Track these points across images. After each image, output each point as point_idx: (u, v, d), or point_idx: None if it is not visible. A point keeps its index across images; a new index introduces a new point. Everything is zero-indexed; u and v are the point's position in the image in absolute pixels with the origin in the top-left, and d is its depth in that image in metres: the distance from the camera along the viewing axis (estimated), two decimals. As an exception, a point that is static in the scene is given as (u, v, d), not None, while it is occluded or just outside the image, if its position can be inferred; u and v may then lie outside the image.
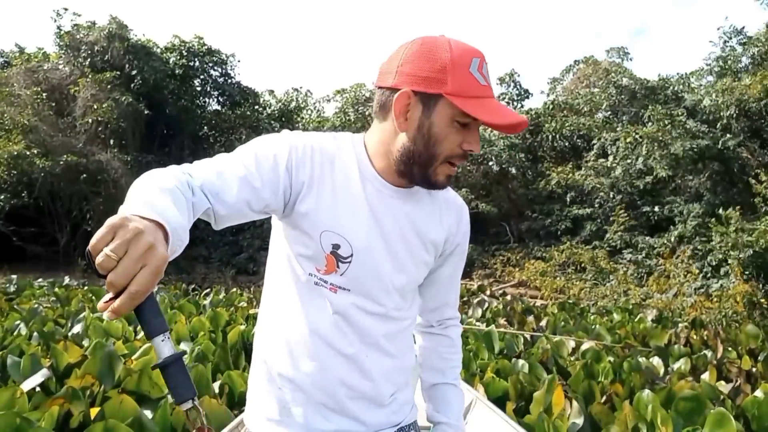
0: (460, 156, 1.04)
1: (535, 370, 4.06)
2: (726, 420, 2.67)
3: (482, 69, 1.02)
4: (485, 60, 1.04)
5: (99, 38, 17.15)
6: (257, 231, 15.84)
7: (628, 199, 14.77)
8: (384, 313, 1.13)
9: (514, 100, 20.00)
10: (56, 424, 2.48)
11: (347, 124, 17.67)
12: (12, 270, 12.54)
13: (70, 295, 8.15)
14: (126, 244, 0.70)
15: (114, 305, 0.71)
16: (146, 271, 0.71)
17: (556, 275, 13.43)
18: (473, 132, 1.04)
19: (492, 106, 1.01)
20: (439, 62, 1.01)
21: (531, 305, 9.47)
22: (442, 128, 1.02)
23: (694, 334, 6.65)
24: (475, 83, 1.01)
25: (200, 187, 0.96)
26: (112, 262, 0.70)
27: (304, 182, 1.08)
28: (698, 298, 9.40)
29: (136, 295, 0.71)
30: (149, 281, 0.71)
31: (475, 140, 1.04)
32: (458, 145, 1.03)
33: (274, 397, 1.16)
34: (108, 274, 0.70)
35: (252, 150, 1.06)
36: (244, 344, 4.73)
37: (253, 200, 1.02)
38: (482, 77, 1.02)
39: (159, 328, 0.77)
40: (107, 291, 0.73)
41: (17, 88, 16.11)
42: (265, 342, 1.19)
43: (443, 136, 1.02)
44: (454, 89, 0.99)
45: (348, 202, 1.09)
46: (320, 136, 1.13)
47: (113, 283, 0.70)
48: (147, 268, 0.71)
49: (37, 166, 14.15)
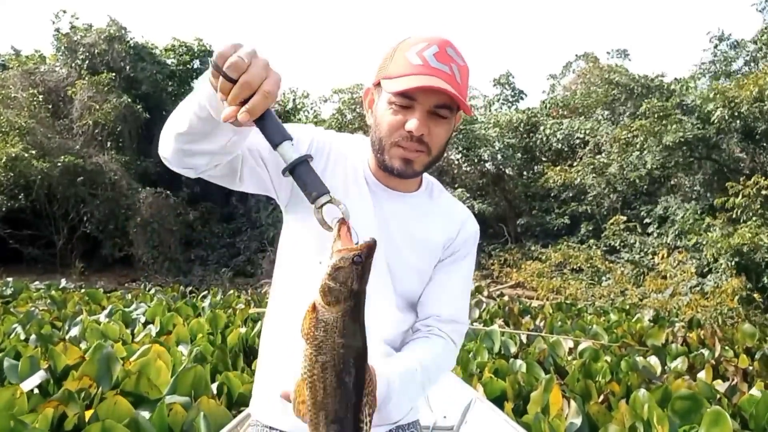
0: (405, 137, 1.06)
1: (532, 369, 4.07)
2: (722, 419, 2.68)
3: (423, 52, 1.06)
4: (438, 44, 1.07)
5: (97, 40, 17.12)
6: (254, 233, 15.83)
7: (624, 197, 14.81)
8: (386, 307, 1.15)
9: (509, 101, 20.03)
10: (51, 426, 2.48)
11: (344, 125, 17.67)
12: (8, 273, 12.50)
13: (66, 297, 8.13)
14: (252, 55, 0.80)
15: (248, 106, 0.78)
16: (273, 76, 0.80)
17: (552, 276, 13.45)
18: (415, 112, 1.06)
19: (413, 79, 1.04)
20: (386, 54, 1.09)
21: (528, 306, 9.48)
22: (382, 111, 1.08)
23: (691, 333, 6.67)
24: (406, 64, 1.05)
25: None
26: (244, 64, 0.78)
27: (316, 171, 1.13)
28: (693, 296, 9.44)
29: (268, 95, 0.79)
30: (277, 85, 0.80)
31: (417, 120, 1.05)
32: (399, 125, 1.06)
33: (279, 388, 1.18)
34: (239, 76, 0.78)
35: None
36: (243, 346, 4.74)
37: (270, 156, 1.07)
38: (419, 58, 1.05)
39: (285, 136, 0.85)
40: (229, 102, 0.80)
41: (13, 90, 16.07)
42: (269, 335, 1.22)
43: (382, 118, 1.08)
44: (387, 73, 1.07)
45: (354, 197, 1.13)
46: (340, 135, 1.21)
47: (249, 82, 0.78)
48: (272, 75, 0.80)
49: (35, 168, 14.11)
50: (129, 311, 6.62)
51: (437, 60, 1.05)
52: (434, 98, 1.05)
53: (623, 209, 14.49)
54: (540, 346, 5.21)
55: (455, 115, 1.11)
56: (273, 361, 1.20)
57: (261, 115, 0.81)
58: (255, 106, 0.79)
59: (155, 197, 15.34)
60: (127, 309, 6.82)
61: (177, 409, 2.65)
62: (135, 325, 5.87)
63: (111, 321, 5.72)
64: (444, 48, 1.07)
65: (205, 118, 0.90)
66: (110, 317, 6.05)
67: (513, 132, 17.46)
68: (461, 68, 1.09)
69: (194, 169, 1.03)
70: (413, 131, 1.05)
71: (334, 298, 0.80)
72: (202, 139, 0.94)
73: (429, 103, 1.05)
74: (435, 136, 1.07)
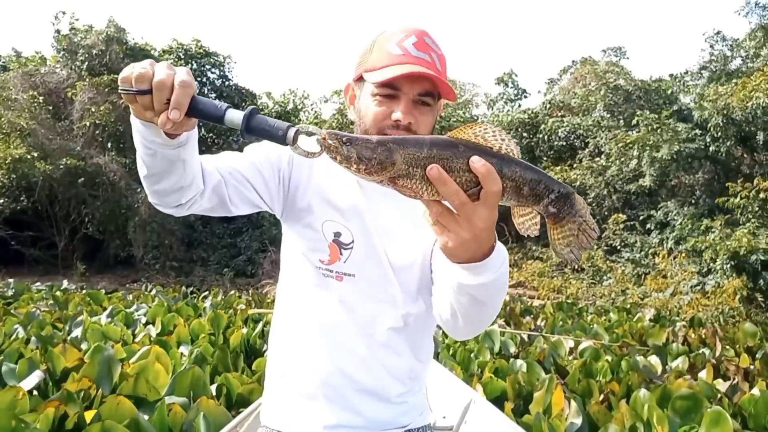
0: (391, 126, 1.07)
1: (533, 369, 4.06)
2: (723, 418, 2.67)
3: (402, 42, 1.07)
4: (415, 34, 1.08)
5: (97, 42, 17.14)
6: (255, 233, 15.83)
7: (624, 197, 14.81)
8: (390, 301, 1.15)
9: (512, 99, 20.00)
10: (52, 426, 2.48)
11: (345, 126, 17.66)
12: (10, 274, 12.52)
13: (68, 298, 8.13)
14: (150, 63, 0.82)
15: (172, 103, 0.79)
16: (180, 70, 0.81)
17: (553, 275, 13.44)
18: (400, 102, 1.07)
19: (396, 69, 1.04)
20: (365, 49, 1.11)
21: (529, 305, 9.47)
22: (366, 103, 1.09)
23: (692, 332, 6.66)
24: (387, 55, 1.07)
25: (214, 166, 1.07)
26: (149, 72, 0.80)
27: (301, 178, 1.16)
28: (694, 295, 9.43)
29: (185, 85, 0.79)
30: (188, 74, 0.80)
31: (403, 110, 1.06)
32: (386, 116, 1.07)
33: (284, 392, 1.19)
34: (150, 83, 0.79)
35: (258, 144, 1.16)
36: (244, 347, 4.73)
37: (253, 169, 1.11)
38: (399, 48, 1.06)
39: (222, 107, 0.84)
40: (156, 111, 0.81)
41: (14, 92, 16.09)
42: (277, 337, 1.24)
43: (367, 111, 1.09)
44: (368, 66, 1.08)
45: (344, 195, 1.15)
46: None
47: (162, 80, 0.79)
48: (179, 69, 0.81)
49: (38, 170, 14.13)
50: (130, 312, 6.62)
51: (417, 49, 1.07)
52: (418, 86, 1.06)
53: (624, 209, 14.49)
54: (540, 345, 5.20)
55: (438, 103, 1.12)
56: (282, 368, 1.21)
57: (190, 106, 0.81)
58: (177, 99, 0.79)
59: (156, 198, 15.36)
60: (128, 310, 6.82)
61: (176, 409, 2.65)
62: (136, 326, 5.86)
63: (112, 322, 5.72)
64: (422, 37, 1.08)
65: (153, 154, 0.92)
66: (111, 318, 6.05)
67: (514, 132, 17.46)
68: (440, 57, 1.10)
69: (180, 207, 1.04)
70: (401, 120, 1.06)
71: (384, 158, 0.73)
72: (166, 176, 0.97)
73: (413, 92, 1.06)
74: (421, 124, 1.08)
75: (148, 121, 0.86)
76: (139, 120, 0.87)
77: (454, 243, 0.78)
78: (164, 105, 0.80)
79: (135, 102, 0.82)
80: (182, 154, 0.93)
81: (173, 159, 0.93)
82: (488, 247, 0.83)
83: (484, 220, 0.76)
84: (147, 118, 0.84)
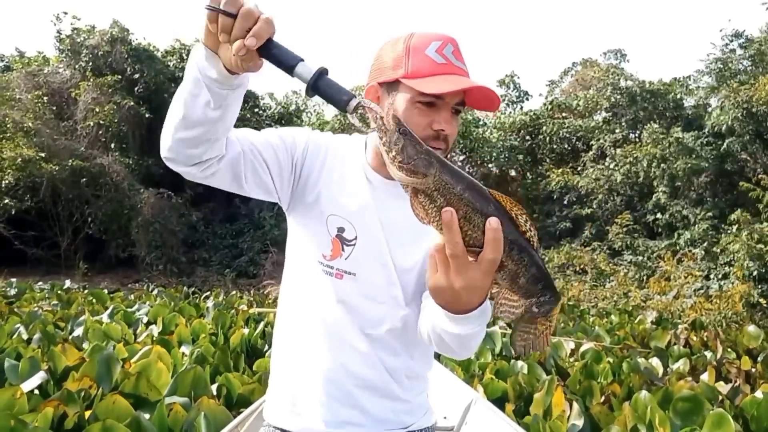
0: (432, 137, 1.07)
1: (534, 371, 4.06)
2: (725, 420, 2.66)
3: (443, 50, 1.06)
4: (451, 42, 1.08)
5: (100, 42, 17.16)
6: (257, 234, 15.83)
7: (627, 200, 14.77)
8: (391, 302, 1.15)
9: (514, 101, 19.95)
10: (51, 425, 2.48)
11: (347, 127, 17.69)
12: (12, 273, 12.54)
13: (70, 298, 8.15)
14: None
15: (252, 32, 0.80)
16: (268, 12, 0.83)
17: (555, 277, 13.42)
18: (442, 111, 1.07)
19: (447, 80, 1.04)
20: (397, 52, 1.08)
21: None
22: (406, 111, 1.07)
23: (694, 335, 6.64)
24: (431, 63, 1.05)
25: (237, 137, 1.09)
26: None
27: (313, 170, 1.16)
28: (698, 299, 9.40)
29: (269, 22, 0.81)
30: (273, 16, 0.82)
31: (444, 120, 1.07)
32: (427, 125, 1.06)
33: (287, 389, 1.20)
34: (238, 9, 0.80)
35: (278, 129, 1.18)
36: (245, 347, 4.74)
37: (270, 150, 1.11)
38: (441, 57, 1.06)
39: (296, 58, 0.85)
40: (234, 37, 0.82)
41: (18, 92, 16.13)
42: (280, 334, 1.24)
43: (406, 118, 1.06)
44: (409, 72, 1.06)
45: (353, 192, 1.16)
46: (336, 136, 1.25)
47: (250, 10, 0.81)
48: (267, 11, 0.83)
49: (45, 170, 14.17)
50: (131, 311, 6.63)
51: (456, 58, 1.07)
52: (458, 96, 1.07)
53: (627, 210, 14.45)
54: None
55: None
56: (284, 365, 1.21)
57: (266, 45, 0.82)
58: (259, 31, 0.80)
59: (158, 198, 15.37)
60: (130, 309, 6.83)
61: (177, 409, 2.65)
62: (137, 326, 5.87)
63: (113, 321, 5.73)
64: (457, 46, 1.09)
65: (197, 95, 0.92)
66: (113, 317, 6.05)
67: (516, 134, 17.44)
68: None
69: (197, 165, 1.03)
70: (445, 131, 1.06)
71: (421, 166, 0.73)
72: (200, 123, 0.96)
73: (453, 101, 1.07)
74: (452, 132, 1.10)
75: (213, 51, 0.87)
76: (205, 47, 0.88)
77: (442, 284, 0.78)
78: (244, 32, 0.81)
79: (214, 22, 0.83)
80: (229, 98, 0.93)
81: (219, 102, 0.93)
82: (474, 305, 0.83)
83: (473, 280, 0.75)
84: (217, 43, 0.85)
